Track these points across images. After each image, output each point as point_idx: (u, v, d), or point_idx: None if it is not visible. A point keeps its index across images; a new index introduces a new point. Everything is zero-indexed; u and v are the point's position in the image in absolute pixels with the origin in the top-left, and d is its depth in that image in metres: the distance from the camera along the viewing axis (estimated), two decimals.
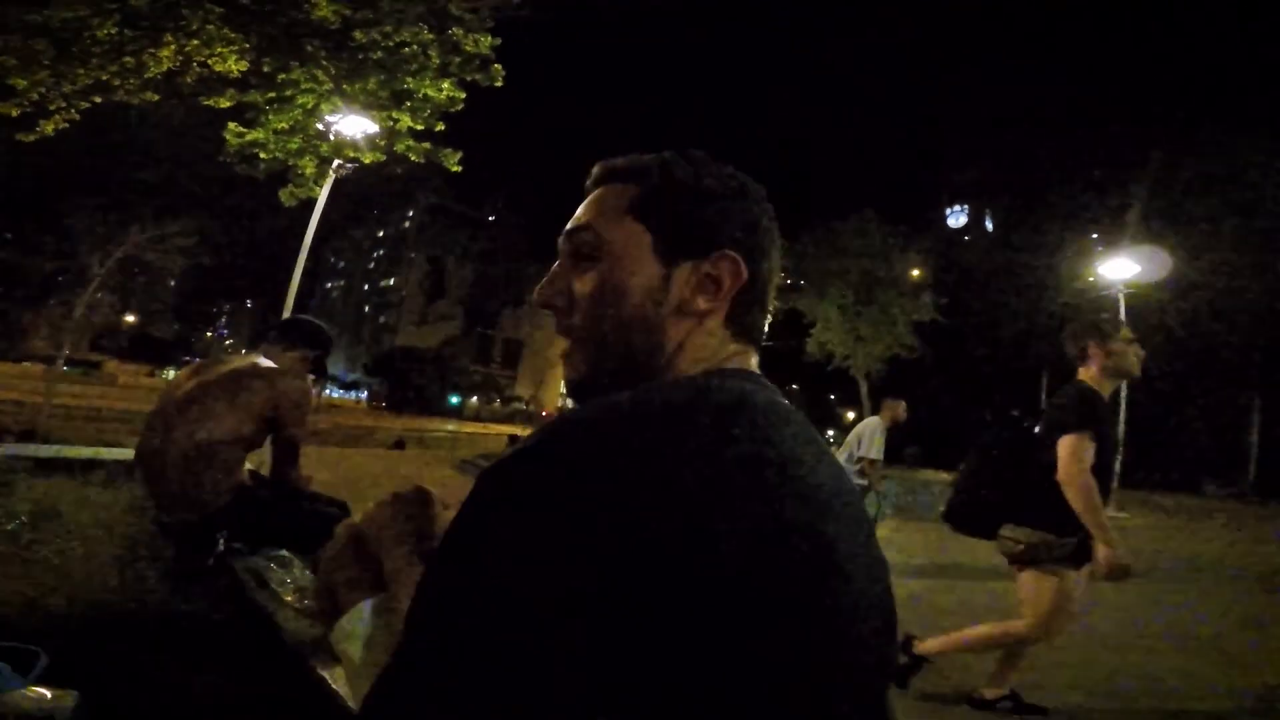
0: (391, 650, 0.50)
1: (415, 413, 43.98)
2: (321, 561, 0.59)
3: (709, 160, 0.64)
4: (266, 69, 6.96)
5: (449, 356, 56.37)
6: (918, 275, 24.61)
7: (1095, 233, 25.65)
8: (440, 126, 8.07)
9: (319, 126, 8.14)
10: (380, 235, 79.12)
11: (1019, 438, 2.54)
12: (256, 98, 7.34)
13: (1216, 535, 6.57)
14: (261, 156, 7.90)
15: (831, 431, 35.80)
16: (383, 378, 53.57)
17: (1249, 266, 21.45)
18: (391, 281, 77.61)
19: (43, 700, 1.11)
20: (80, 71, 5.86)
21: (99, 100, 6.26)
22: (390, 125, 8.11)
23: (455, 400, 55.52)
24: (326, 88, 7.36)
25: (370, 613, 0.54)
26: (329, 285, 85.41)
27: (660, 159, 0.63)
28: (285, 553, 1.80)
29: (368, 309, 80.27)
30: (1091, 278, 17.44)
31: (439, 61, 7.50)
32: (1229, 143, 22.15)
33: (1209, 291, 21.88)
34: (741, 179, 0.64)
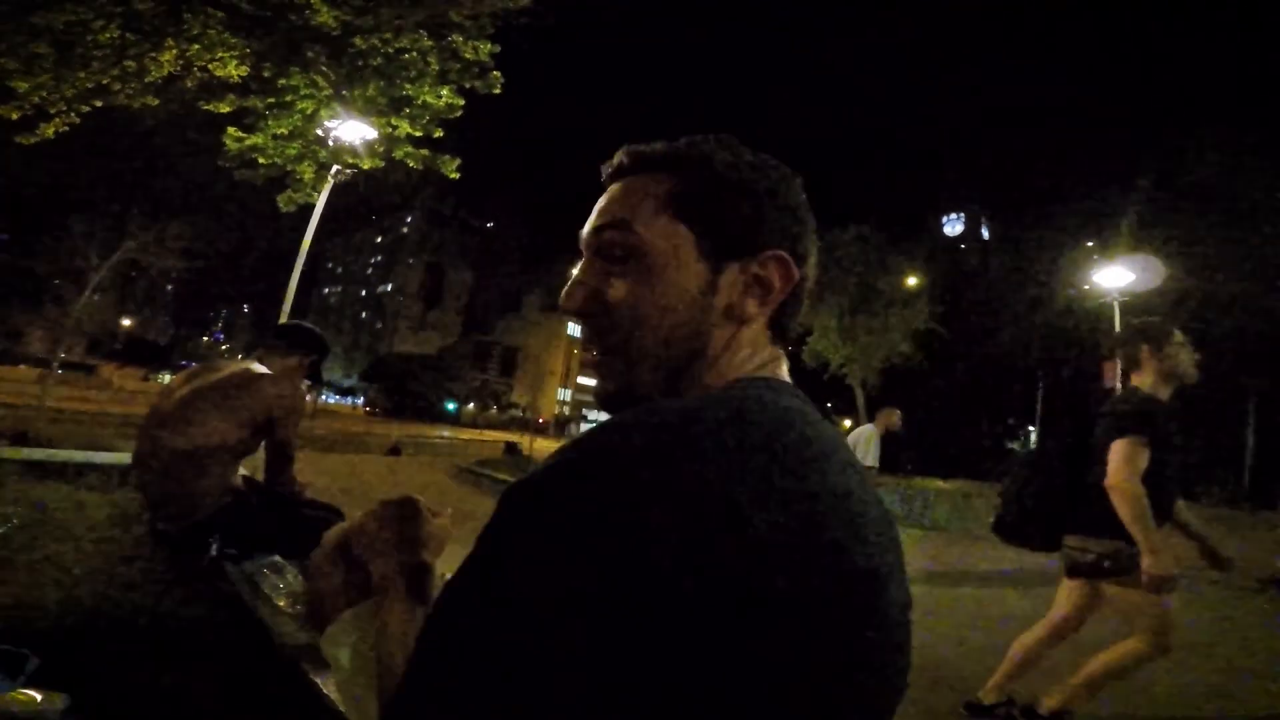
0: (377, 657, 0.50)
1: (412, 419, 43.88)
2: (311, 567, 0.59)
3: (743, 145, 0.58)
4: (266, 74, 7.00)
5: (446, 363, 56.29)
6: (914, 284, 24.65)
7: (1091, 241, 25.77)
8: (439, 133, 8.10)
9: (318, 132, 8.17)
10: (378, 241, 79.21)
11: (1072, 445, 2.47)
12: (256, 103, 7.36)
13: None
14: (260, 161, 7.91)
15: None
16: (379, 384, 53.44)
17: (1242, 274, 21.58)
18: (389, 287, 77.61)
19: (31, 703, 1.11)
20: (81, 75, 5.89)
21: (99, 104, 6.29)
22: (389, 131, 8.14)
23: (452, 407, 55.41)
24: (326, 93, 7.39)
25: (359, 619, 0.54)
26: (326, 290, 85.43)
27: (698, 146, 0.56)
28: (278, 558, 1.80)
29: (365, 314, 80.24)
30: (1087, 286, 17.53)
31: (438, 68, 7.53)
32: (1222, 151, 22.33)
33: (1202, 299, 22.00)
34: (783, 167, 0.59)
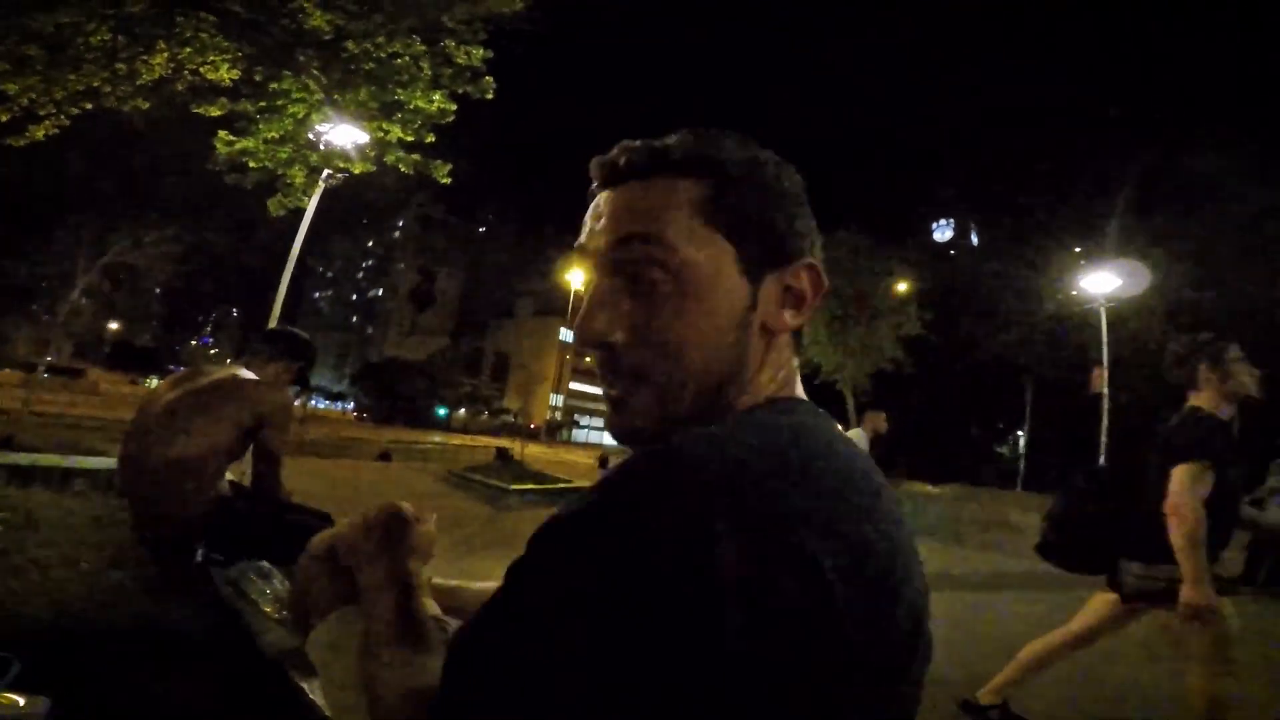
0: (362, 663, 0.50)
1: (402, 424, 43.66)
2: (297, 571, 0.59)
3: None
4: (258, 78, 6.99)
5: (437, 368, 56.01)
6: (904, 290, 24.79)
7: (1079, 247, 26.04)
8: (430, 138, 8.10)
9: (309, 136, 8.15)
10: (370, 245, 78.96)
11: (1125, 468, 2.38)
12: (247, 106, 7.35)
13: None
14: (251, 165, 7.89)
15: None
16: (369, 389, 53.13)
17: (1226, 280, 21.90)
18: (380, 292, 77.36)
19: (13, 706, 1.10)
20: (72, 77, 5.87)
21: (89, 106, 6.27)
22: (381, 136, 8.14)
23: (443, 412, 55.13)
24: (317, 98, 7.38)
25: (343, 624, 0.54)
26: (317, 295, 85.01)
27: (721, 144, 0.51)
28: (264, 564, 1.79)
29: (355, 319, 79.90)
30: (1074, 291, 17.72)
31: (430, 73, 7.54)
32: (1209, 157, 22.72)
33: (1184, 304, 22.31)
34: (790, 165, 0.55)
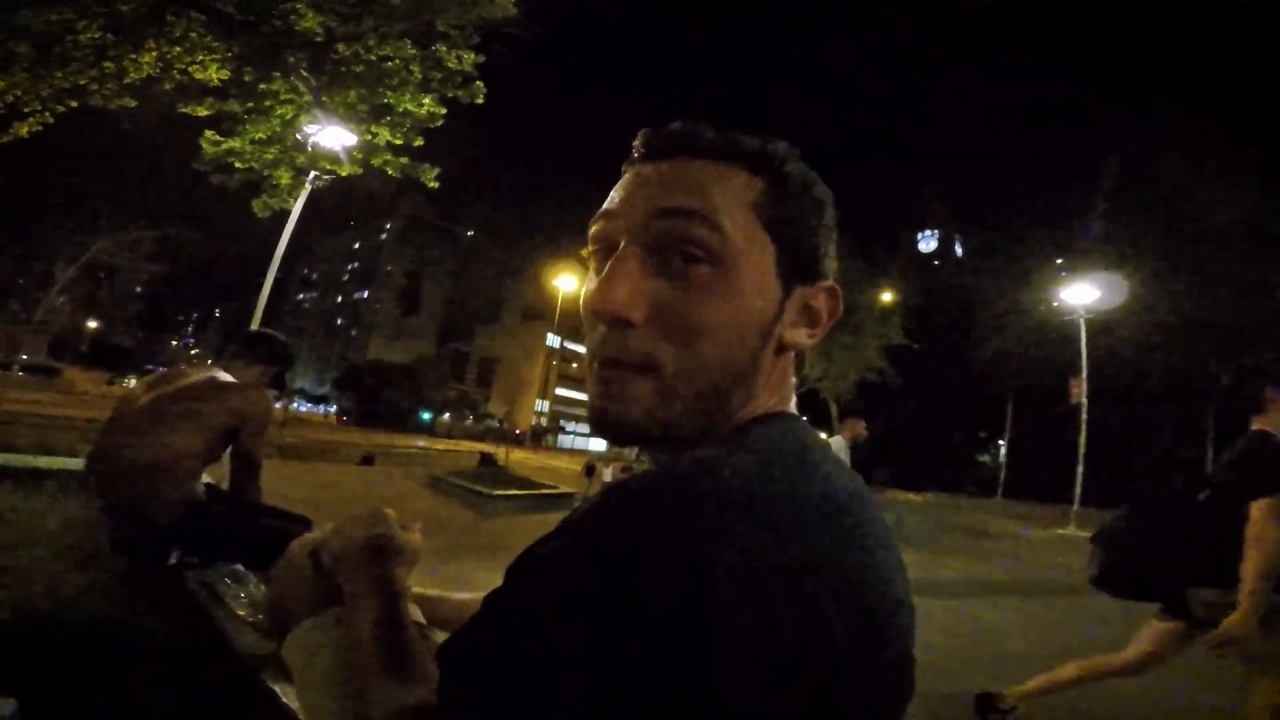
0: (342, 669, 0.51)
1: (386, 429, 43.29)
2: (274, 575, 0.59)
3: None
4: (247, 78, 6.97)
5: (422, 372, 55.62)
6: (889, 300, 25.01)
7: (1060, 259, 26.50)
8: (419, 141, 8.10)
9: (296, 138, 8.12)
10: (356, 247, 78.38)
11: (1187, 493, 2.31)
12: (235, 107, 7.32)
13: None
14: (237, 166, 7.84)
15: None
16: (353, 392, 52.61)
17: (1198, 292, 22.40)
18: (365, 294, 76.73)
19: None
20: (59, 75, 5.84)
21: (75, 104, 6.23)
22: (369, 139, 8.12)
23: (427, 417, 54.71)
24: (306, 99, 7.37)
25: (322, 629, 0.54)
26: (301, 296, 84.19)
27: (780, 148, 0.48)
28: (239, 567, 1.78)
29: (340, 321, 79.15)
30: (1055, 303, 18.01)
31: (421, 76, 7.55)
32: (1180, 172, 23.23)
33: (1161, 315, 22.79)
34: None
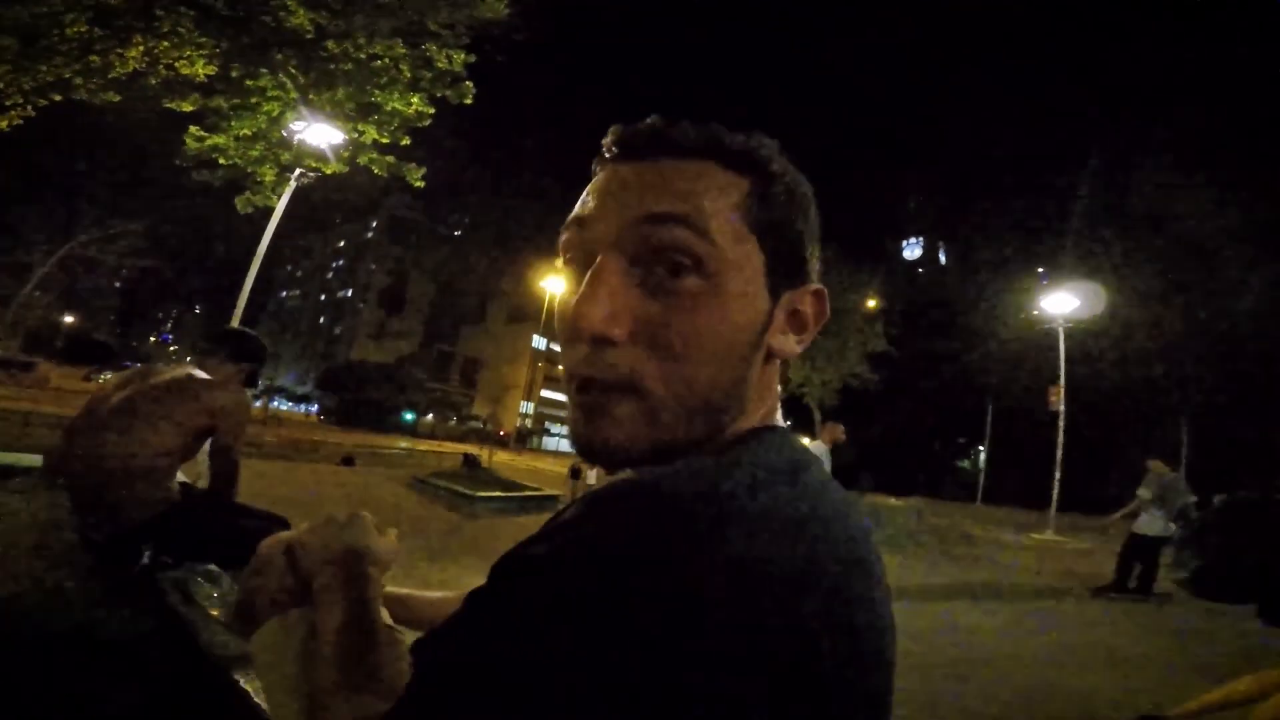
0: (308, 665, 0.51)
1: (368, 428, 42.86)
2: (246, 572, 0.59)
3: None
4: (234, 74, 6.91)
5: (405, 372, 55.13)
6: (872, 306, 25.26)
7: (1041, 268, 26.92)
8: (406, 140, 8.06)
9: (282, 135, 8.05)
10: (340, 245, 77.61)
11: (1265, 499, 2.38)
12: (221, 103, 7.25)
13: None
14: (221, 162, 7.76)
15: None
16: (335, 391, 52.03)
17: (1174, 301, 22.86)
18: (349, 293, 75.99)
19: None
20: (43, 68, 5.75)
21: (58, 98, 6.14)
22: (356, 137, 8.07)
23: (410, 417, 54.23)
24: (293, 96, 7.31)
25: (291, 627, 0.54)
26: (284, 294, 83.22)
27: (765, 146, 0.46)
28: (213, 567, 1.76)
29: (323, 320, 78.32)
30: (1035, 311, 18.28)
31: (410, 75, 7.52)
32: (1160, 183, 23.75)
33: (1138, 325, 23.22)
34: None
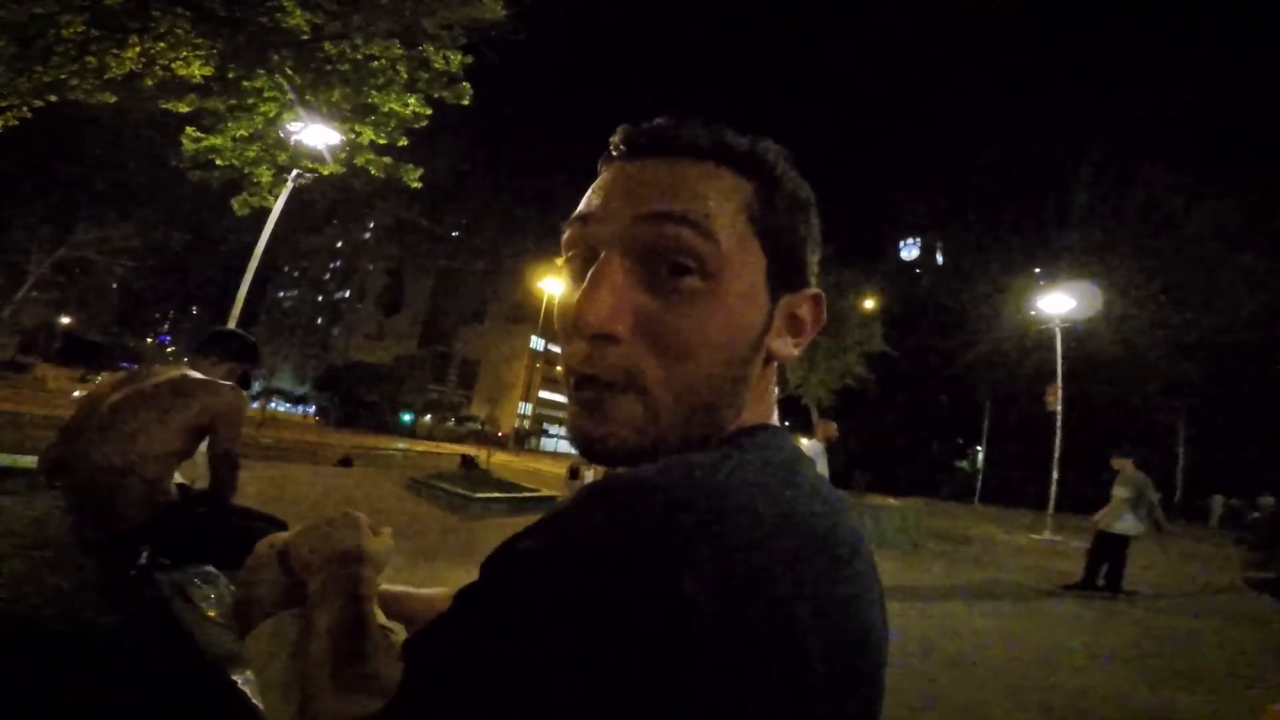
0: (303, 665, 0.50)
1: (365, 429, 42.82)
2: (242, 573, 0.59)
3: None
4: (231, 75, 6.90)
5: (403, 373, 55.14)
6: (870, 307, 25.24)
7: (1039, 268, 26.98)
8: (403, 141, 8.06)
9: (279, 135, 8.05)
10: (338, 246, 77.52)
11: None
12: (217, 104, 7.24)
13: (1142, 555, 6.83)
14: (217, 163, 7.76)
15: None
16: (332, 392, 51.97)
17: (1171, 300, 22.94)
18: (346, 294, 75.97)
19: None
20: (39, 69, 5.73)
21: (54, 99, 6.12)
22: (353, 138, 8.06)
23: (408, 418, 54.19)
24: (289, 97, 7.30)
25: (284, 627, 0.54)
26: (282, 295, 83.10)
27: (771, 149, 0.46)
28: (210, 568, 1.76)
29: (320, 321, 78.27)
30: (1033, 311, 18.30)
31: (407, 76, 7.51)
32: (1159, 184, 23.83)
33: (1136, 325, 23.30)
34: None
